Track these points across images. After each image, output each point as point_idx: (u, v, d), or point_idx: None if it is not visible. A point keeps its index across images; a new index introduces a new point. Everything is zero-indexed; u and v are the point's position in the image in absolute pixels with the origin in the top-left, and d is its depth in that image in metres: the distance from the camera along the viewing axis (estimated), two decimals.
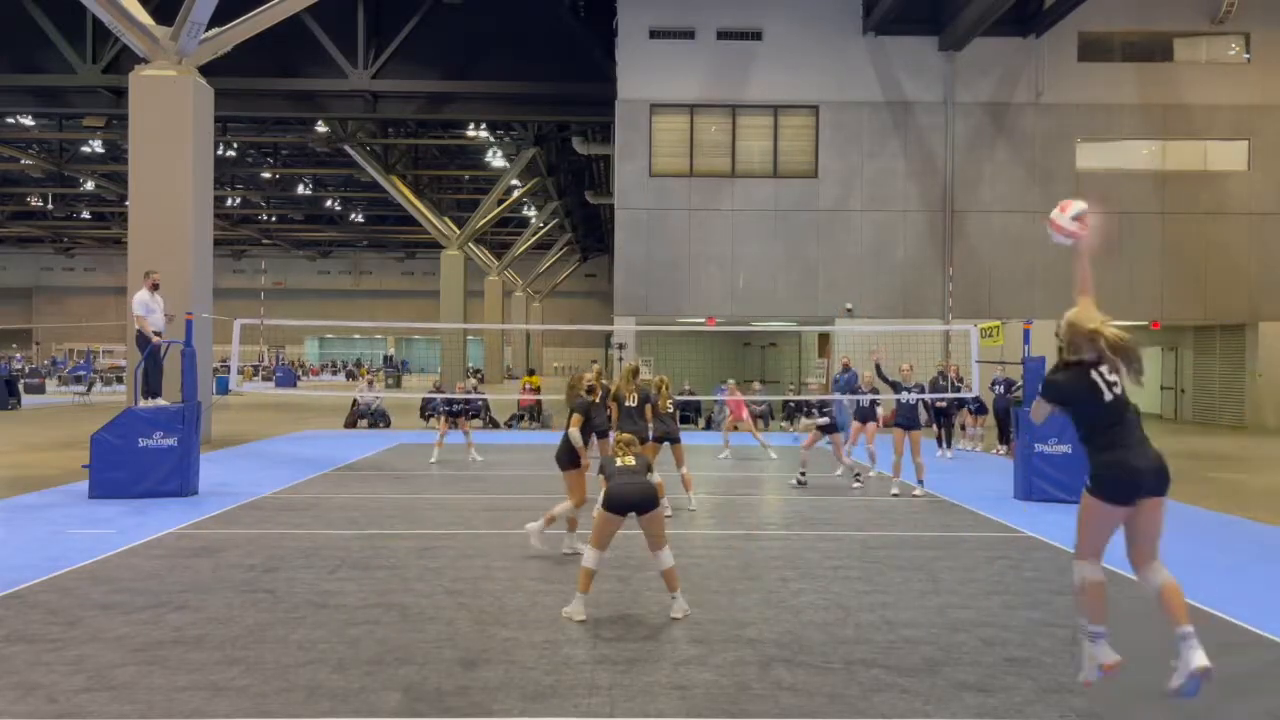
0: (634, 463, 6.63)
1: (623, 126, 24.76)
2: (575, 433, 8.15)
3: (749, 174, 24.79)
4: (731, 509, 11.08)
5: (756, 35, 24.69)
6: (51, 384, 40.62)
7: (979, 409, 18.36)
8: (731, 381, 19.11)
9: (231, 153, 43.15)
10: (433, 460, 15.23)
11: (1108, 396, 4.68)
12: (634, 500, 6.35)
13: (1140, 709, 4.80)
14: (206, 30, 16.91)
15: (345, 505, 10.82)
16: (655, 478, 6.89)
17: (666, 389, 11.00)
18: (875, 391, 13.74)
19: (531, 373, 28.84)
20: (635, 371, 10.63)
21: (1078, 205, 5.12)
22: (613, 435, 8.55)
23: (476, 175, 47.23)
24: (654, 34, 24.66)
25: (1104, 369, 4.72)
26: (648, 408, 10.48)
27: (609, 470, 6.62)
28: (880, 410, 14.66)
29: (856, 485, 12.91)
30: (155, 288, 12.58)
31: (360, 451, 16.88)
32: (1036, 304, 24.36)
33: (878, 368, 12.75)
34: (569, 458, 8.24)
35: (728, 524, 10.02)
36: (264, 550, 8.32)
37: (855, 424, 13.85)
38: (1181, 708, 4.81)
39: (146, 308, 12.37)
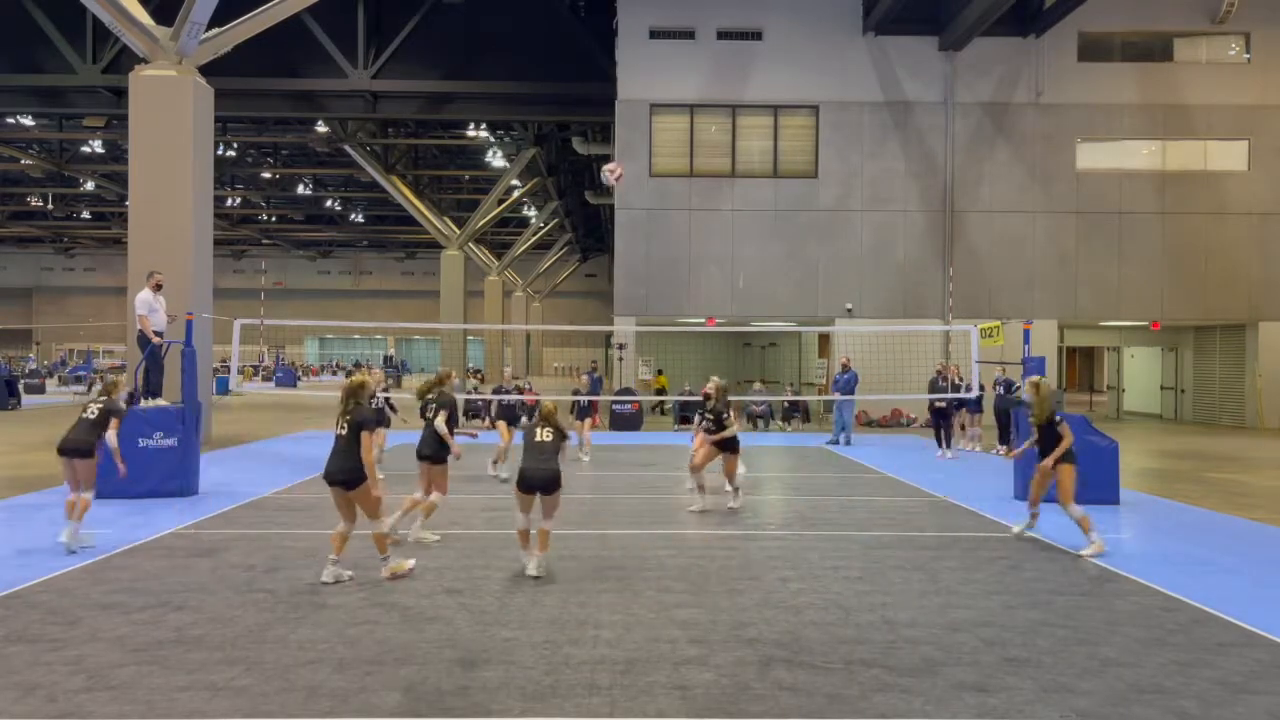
0: (549, 439, 7.48)
1: (623, 126, 24.75)
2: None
3: (749, 174, 24.78)
4: (732, 509, 11.06)
5: (756, 35, 24.68)
6: (51, 384, 40.61)
7: (975, 407, 18.35)
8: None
9: (231, 153, 43.11)
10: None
11: None
12: (537, 484, 7.30)
13: (1140, 709, 4.80)
14: (206, 30, 16.90)
15: None
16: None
17: None
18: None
19: (660, 373, 28.63)
20: None
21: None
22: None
23: (476, 175, 47.19)
24: (654, 34, 24.66)
25: None
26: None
27: (528, 442, 7.48)
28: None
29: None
30: (159, 288, 12.58)
31: None
32: (1036, 304, 24.39)
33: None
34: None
35: (728, 524, 10.02)
36: (264, 550, 8.32)
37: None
38: (1181, 707, 4.81)
39: (149, 307, 12.37)
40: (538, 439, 7.41)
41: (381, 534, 7.27)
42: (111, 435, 8.37)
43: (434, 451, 8.64)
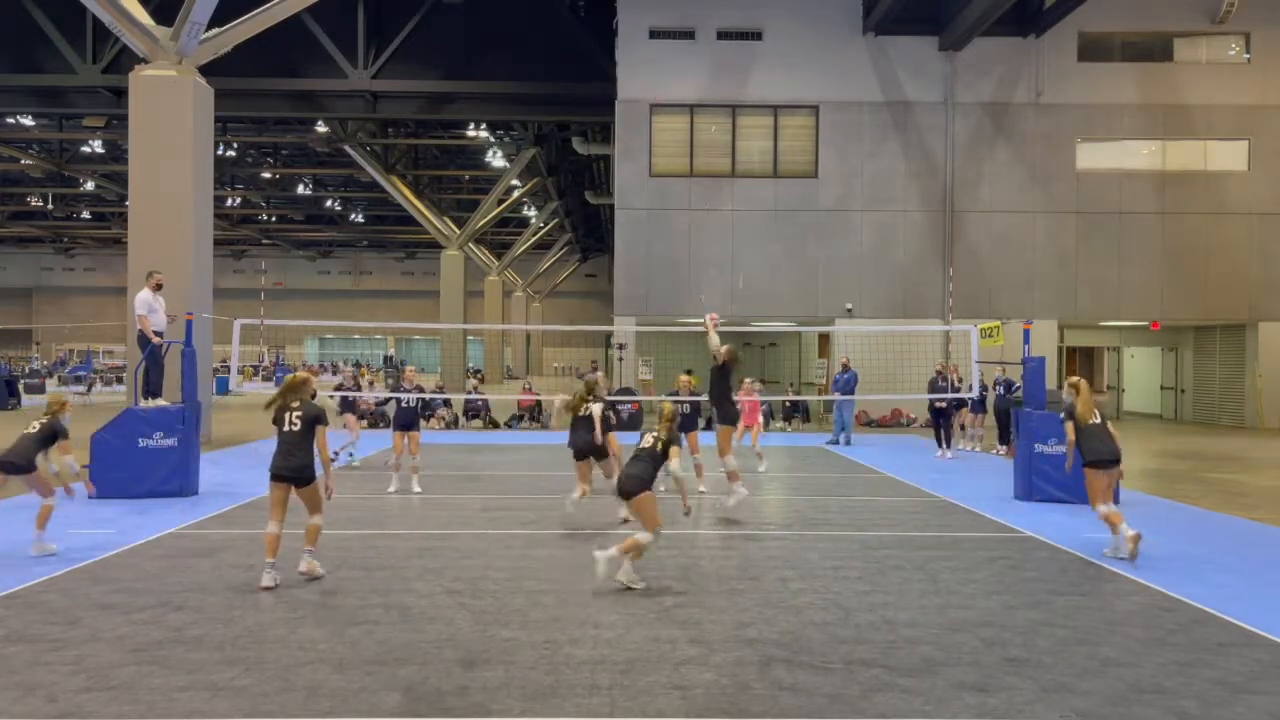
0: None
1: (623, 126, 24.75)
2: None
3: (749, 174, 24.78)
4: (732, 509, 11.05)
5: (756, 35, 24.68)
6: (51, 384, 40.59)
7: (977, 406, 18.34)
8: (748, 381, 17.09)
9: (231, 153, 43.11)
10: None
11: None
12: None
13: (1140, 709, 4.80)
14: (206, 30, 16.91)
15: (345, 505, 10.81)
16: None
17: None
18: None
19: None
20: None
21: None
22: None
23: (476, 175, 47.21)
24: (654, 34, 24.65)
25: None
26: None
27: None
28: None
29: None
30: (159, 288, 12.59)
31: (360, 452, 16.85)
32: (1036, 304, 24.39)
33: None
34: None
35: (728, 524, 10.02)
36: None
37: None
38: (1181, 707, 4.81)
39: (149, 307, 12.36)
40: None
41: (318, 526, 7.19)
42: (69, 459, 7.97)
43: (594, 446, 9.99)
